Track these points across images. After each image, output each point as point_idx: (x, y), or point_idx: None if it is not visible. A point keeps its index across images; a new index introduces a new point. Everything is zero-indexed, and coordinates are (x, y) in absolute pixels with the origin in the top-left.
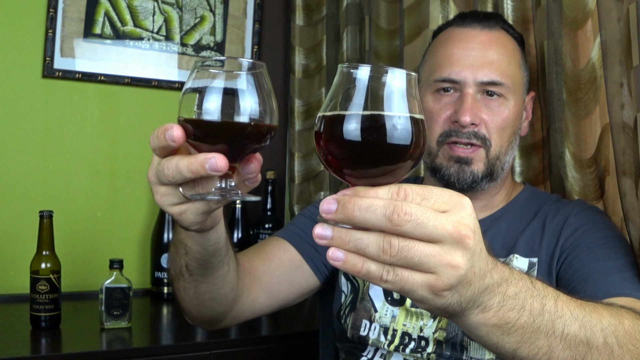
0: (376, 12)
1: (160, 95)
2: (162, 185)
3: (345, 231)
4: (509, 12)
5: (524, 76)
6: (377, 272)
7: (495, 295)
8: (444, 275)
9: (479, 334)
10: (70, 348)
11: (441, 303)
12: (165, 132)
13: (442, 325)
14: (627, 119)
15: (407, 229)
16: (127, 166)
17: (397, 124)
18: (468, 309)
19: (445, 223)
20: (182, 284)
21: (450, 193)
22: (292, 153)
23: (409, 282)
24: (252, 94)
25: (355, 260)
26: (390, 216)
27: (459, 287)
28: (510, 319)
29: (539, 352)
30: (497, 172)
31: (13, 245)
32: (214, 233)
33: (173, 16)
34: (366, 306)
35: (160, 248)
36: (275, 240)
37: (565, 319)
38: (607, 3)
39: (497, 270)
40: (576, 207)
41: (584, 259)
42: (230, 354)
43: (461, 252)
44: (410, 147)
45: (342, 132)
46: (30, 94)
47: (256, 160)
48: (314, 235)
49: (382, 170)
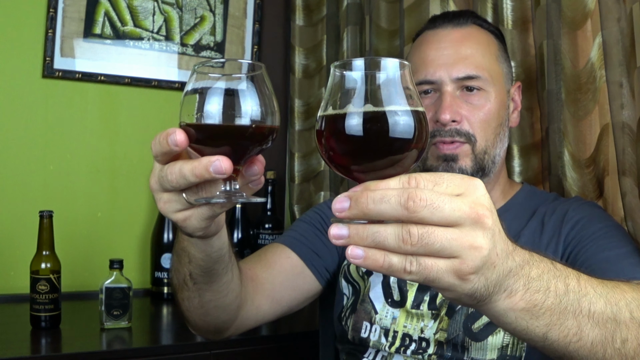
0: (376, 12)
1: (160, 95)
2: (165, 192)
3: (361, 227)
4: (509, 12)
5: (504, 67)
6: (400, 264)
7: (520, 278)
8: (468, 258)
9: (507, 321)
10: (70, 348)
11: (468, 288)
12: (167, 137)
13: (442, 326)
14: (627, 119)
15: (425, 215)
16: (127, 166)
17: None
18: (495, 294)
19: (461, 205)
20: (186, 294)
21: (461, 176)
22: (292, 153)
23: (433, 270)
24: (252, 96)
25: (376, 255)
26: (406, 204)
27: (484, 269)
28: (538, 301)
29: (569, 333)
30: (488, 167)
31: (13, 245)
32: (217, 239)
33: (173, 16)
34: (366, 308)
35: (160, 248)
36: (275, 246)
37: (590, 297)
38: (608, 3)
39: (518, 253)
40: (574, 202)
41: (588, 250)
42: (230, 354)
43: (481, 233)
44: (415, 132)
45: (345, 129)
46: (30, 94)
47: (259, 162)
48: (329, 236)
49: (389, 161)
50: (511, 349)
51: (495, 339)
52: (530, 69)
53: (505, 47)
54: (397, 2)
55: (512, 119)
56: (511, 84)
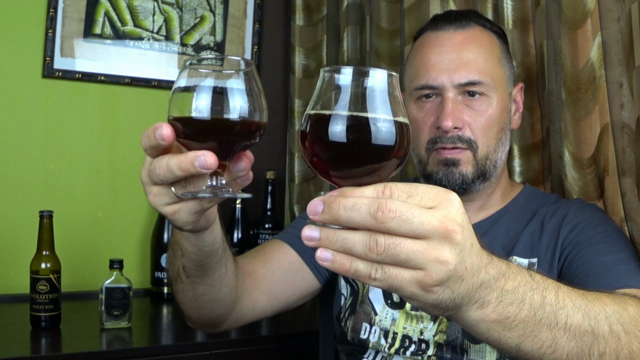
0: (377, 12)
1: (160, 95)
2: (154, 185)
3: (332, 231)
4: (509, 12)
5: (506, 69)
6: (366, 270)
7: (493, 290)
8: (432, 271)
9: (479, 331)
10: (70, 348)
11: (432, 299)
12: (155, 131)
13: (442, 328)
14: (627, 119)
15: (393, 226)
16: (127, 166)
17: (379, 122)
18: (464, 305)
19: (431, 218)
20: (180, 286)
21: (437, 189)
22: (292, 153)
23: (397, 279)
24: (240, 92)
25: (344, 260)
26: (375, 214)
27: (450, 282)
28: (510, 314)
29: (542, 345)
30: (489, 172)
31: (13, 245)
32: (209, 234)
33: (173, 16)
34: (366, 309)
35: (160, 248)
36: (275, 243)
37: (568, 310)
38: (608, 3)
39: (493, 266)
40: (574, 205)
41: (585, 254)
42: (230, 354)
43: (449, 247)
44: (395, 143)
45: (327, 133)
46: (30, 94)
47: (247, 157)
48: (302, 237)
49: (366, 170)
50: None
51: None
52: (530, 69)
53: (508, 46)
54: (398, 2)
55: (513, 120)
56: (513, 85)
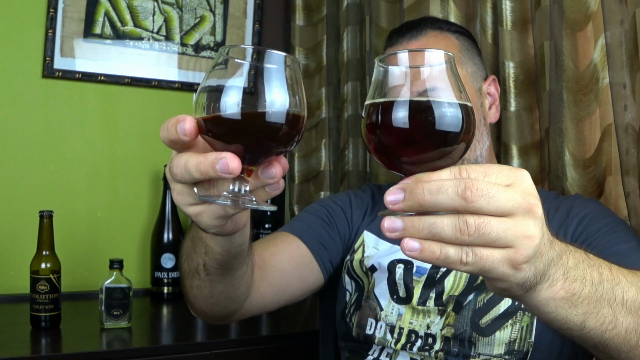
0: (376, 12)
1: (160, 95)
2: (177, 182)
3: (417, 219)
4: (508, 13)
5: (468, 67)
6: (456, 255)
7: (560, 267)
8: (522, 247)
9: (548, 310)
10: (70, 348)
11: (520, 277)
12: (177, 123)
13: (449, 322)
14: (630, 120)
15: (482, 205)
16: (127, 166)
17: (447, 105)
18: (539, 283)
19: (514, 195)
20: (197, 282)
21: (508, 168)
22: (293, 153)
23: (489, 260)
24: (280, 91)
25: (433, 247)
26: (463, 194)
27: (534, 258)
28: (576, 290)
29: (604, 320)
30: None
31: (13, 245)
32: (239, 236)
33: (173, 16)
34: (372, 305)
35: (160, 248)
36: (285, 235)
37: (623, 285)
38: (611, 5)
39: (556, 243)
40: (577, 199)
41: (597, 246)
42: (230, 354)
43: (533, 222)
44: (462, 124)
45: (403, 119)
46: (30, 94)
47: (279, 164)
48: (383, 229)
49: (439, 153)
50: (518, 343)
51: (502, 334)
52: (529, 69)
53: (473, 42)
54: (397, 2)
55: (490, 114)
56: (483, 79)
